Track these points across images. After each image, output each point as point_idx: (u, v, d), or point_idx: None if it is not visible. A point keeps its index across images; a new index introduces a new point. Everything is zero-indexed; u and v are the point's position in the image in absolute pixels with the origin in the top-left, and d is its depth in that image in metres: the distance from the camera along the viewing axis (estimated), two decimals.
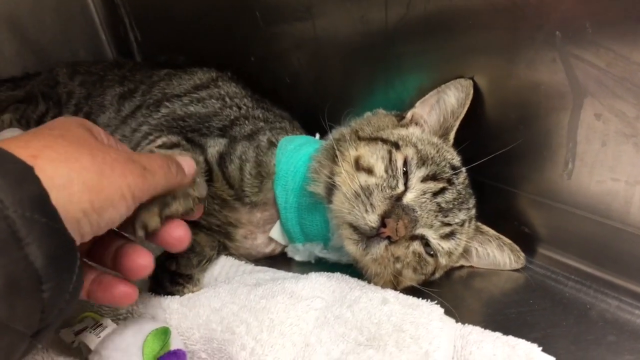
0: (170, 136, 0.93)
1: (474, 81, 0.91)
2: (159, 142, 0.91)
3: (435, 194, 0.84)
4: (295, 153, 0.99)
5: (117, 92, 1.30)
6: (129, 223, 0.65)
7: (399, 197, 0.83)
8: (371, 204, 0.80)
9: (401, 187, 0.84)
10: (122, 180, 0.58)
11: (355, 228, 0.82)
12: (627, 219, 0.83)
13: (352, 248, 0.83)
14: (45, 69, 1.50)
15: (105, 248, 0.69)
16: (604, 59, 0.74)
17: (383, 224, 0.79)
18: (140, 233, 0.66)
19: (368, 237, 0.81)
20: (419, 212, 0.82)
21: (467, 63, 0.92)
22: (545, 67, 0.80)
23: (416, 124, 0.95)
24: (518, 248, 0.94)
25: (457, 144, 0.94)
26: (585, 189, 0.86)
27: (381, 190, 0.82)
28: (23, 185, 0.47)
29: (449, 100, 0.92)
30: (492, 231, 0.94)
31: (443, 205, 0.84)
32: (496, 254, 0.94)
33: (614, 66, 0.73)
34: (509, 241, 0.93)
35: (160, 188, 0.66)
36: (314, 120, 1.15)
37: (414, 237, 0.83)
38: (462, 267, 0.97)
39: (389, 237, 0.80)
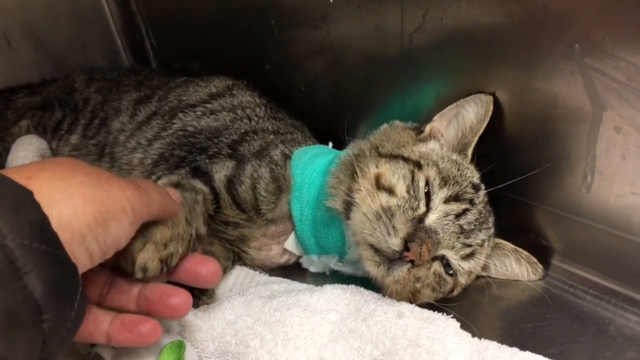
0: (172, 176, 0.93)
1: (494, 96, 0.90)
2: (160, 183, 0.90)
3: (458, 215, 0.84)
4: (309, 165, 0.98)
5: (134, 98, 1.31)
6: (127, 264, 0.67)
7: (421, 219, 0.82)
8: (394, 227, 0.80)
9: (423, 208, 0.83)
10: (120, 192, 0.58)
11: (377, 250, 0.81)
12: None
13: (374, 270, 0.83)
14: (62, 75, 1.51)
15: (125, 292, 0.70)
16: (624, 72, 0.73)
17: (406, 247, 0.78)
18: (140, 275, 0.67)
19: (390, 259, 0.81)
20: (441, 235, 0.81)
21: (484, 75, 0.91)
22: (564, 80, 0.79)
23: (434, 138, 0.94)
24: (536, 260, 0.93)
25: (473, 156, 0.93)
26: (604, 202, 0.84)
27: (403, 212, 0.81)
28: (21, 211, 0.47)
29: (468, 116, 0.91)
30: (509, 245, 0.93)
31: (465, 227, 0.84)
32: (514, 267, 0.93)
33: (635, 80, 0.72)
34: (526, 253, 0.92)
35: (157, 207, 0.66)
36: (329, 128, 1.16)
37: (434, 258, 0.83)
38: (479, 277, 0.96)
39: (412, 261, 0.79)
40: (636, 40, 0.70)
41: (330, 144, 1.12)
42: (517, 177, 0.89)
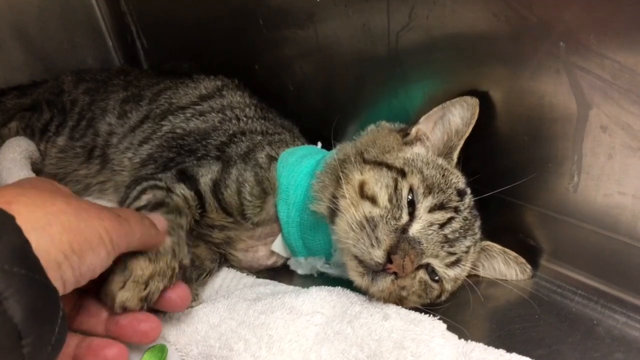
0: (156, 191, 0.92)
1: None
2: (144, 200, 0.89)
3: (442, 225, 0.83)
4: (296, 166, 0.98)
5: (121, 97, 1.30)
6: (107, 298, 0.67)
7: (405, 229, 0.81)
8: (376, 238, 0.79)
9: (405, 218, 0.82)
10: (99, 223, 0.58)
11: (360, 261, 0.81)
12: (635, 233, 0.82)
13: (358, 280, 0.82)
14: (53, 77, 1.50)
15: (94, 316, 0.70)
16: (609, 70, 0.72)
17: (389, 259, 0.78)
18: (119, 311, 0.68)
19: (374, 270, 0.80)
20: (424, 245, 0.81)
21: (471, 74, 0.90)
22: (550, 78, 0.79)
23: (419, 140, 0.93)
24: (524, 260, 0.92)
25: (459, 159, 0.92)
26: (591, 202, 0.84)
27: (386, 222, 0.80)
28: (3, 236, 0.47)
29: (454, 119, 0.89)
30: (497, 246, 0.92)
31: (450, 236, 0.83)
32: (502, 268, 0.93)
33: (620, 78, 0.72)
34: (514, 254, 0.92)
35: (137, 238, 0.66)
36: (318, 127, 1.15)
37: (419, 267, 0.82)
38: (468, 276, 0.95)
39: (395, 273, 0.79)
40: (620, 38, 0.70)
41: (319, 144, 1.11)
42: (503, 177, 0.88)
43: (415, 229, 0.81)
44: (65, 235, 0.53)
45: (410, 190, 0.84)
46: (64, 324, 0.52)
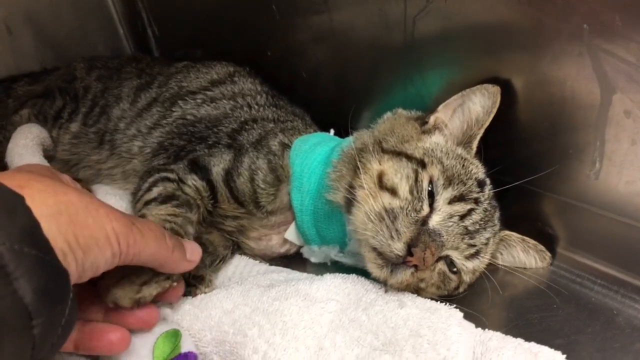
0: (167, 184, 0.91)
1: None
2: (155, 193, 0.89)
3: (463, 216, 0.81)
4: (309, 154, 0.96)
5: (135, 85, 1.30)
6: (102, 291, 0.67)
7: (425, 221, 0.80)
8: (396, 230, 0.78)
9: (426, 209, 0.80)
10: (107, 222, 0.57)
11: (379, 253, 0.79)
12: None
13: (377, 272, 0.81)
14: (64, 64, 1.50)
15: (93, 302, 0.69)
16: (634, 53, 0.70)
17: (409, 252, 0.76)
18: (111, 305, 0.68)
19: (394, 263, 0.79)
20: (445, 237, 0.79)
21: (489, 58, 0.89)
22: (572, 62, 0.77)
23: (438, 129, 0.91)
24: (543, 248, 0.91)
25: (479, 148, 0.91)
26: (613, 189, 0.82)
27: (406, 214, 0.79)
28: (13, 216, 0.46)
29: (474, 108, 0.87)
30: (515, 235, 0.91)
31: (470, 227, 0.82)
32: (521, 256, 0.92)
33: None
34: (533, 242, 0.90)
35: (149, 253, 0.64)
36: (332, 114, 1.14)
37: (438, 258, 0.81)
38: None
39: (415, 266, 0.78)
40: None
41: (332, 131, 1.10)
42: (523, 166, 0.88)
43: (435, 221, 0.80)
44: (72, 227, 0.53)
45: (430, 181, 0.82)
46: (74, 305, 0.52)
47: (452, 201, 0.81)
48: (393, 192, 0.82)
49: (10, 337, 0.44)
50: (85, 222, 0.54)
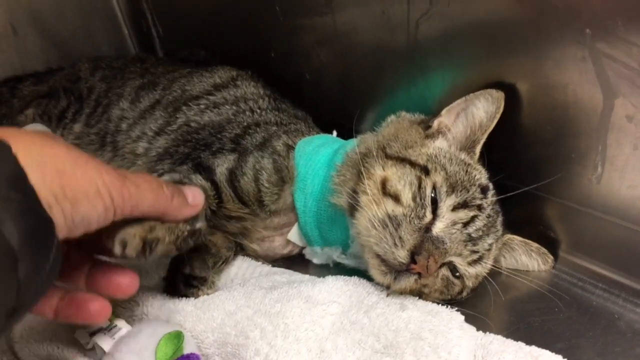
0: (173, 174, 0.92)
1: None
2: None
3: (466, 224, 0.81)
4: (313, 155, 0.97)
5: (137, 84, 1.31)
6: (109, 238, 0.63)
7: (428, 228, 0.80)
8: (400, 237, 0.78)
9: (429, 216, 0.81)
10: (98, 175, 0.56)
11: (383, 260, 0.80)
12: None
13: (380, 278, 0.82)
14: (69, 64, 1.51)
15: (76, 268, 0.67)
16: (637, 58, 0.70)
17: (413, 259, 0.77)
18: (117, 250, 0.63)
19: (397, 270, 0.79)
20: (448, 244, 0.79)
21: (492, 62, 0.89)
22: (574, 66, 0.77)
23: (441, 133, 0.91)
24: (545, 250, 0.91)
25: (482, 154, 0.91)
26: (615, 194, 0.82)
27: (409, 221, 0.79)
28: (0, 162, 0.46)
29: (478, 113, 0.87)
30: (517, 238, 0.91)
31: (473, 234, 0.82)
32: (524, 259, 0.92)
33: None
34: (536, 245, 0.91)
35: (148, 204, 0.63)
36: (335, 116, 1.15)
37: (441, 265, 0.81)
38: None
39: (419, 273, 0.78)
40: None
41: (335, 133, 1.10)
42: (525, 169, 0.88)
43: (438, 228, 0.80)
44: (58, 179, 0.52)
45: (433, 187, 0.82)
46: (58, 253, 0.51)
47: (455, 208, 0.81)
48: (396, 198, 0.82)
49: None
50: (72, 175, 0.53)
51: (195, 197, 0.72)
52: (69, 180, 0.53)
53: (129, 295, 0.69)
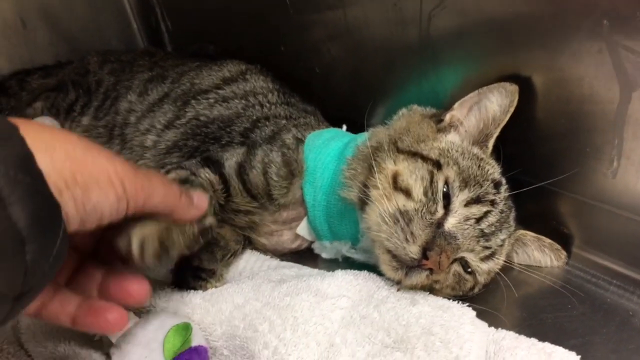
0: (180, 171, 0.91)
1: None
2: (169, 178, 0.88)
3: (479, 219, 0.80)
4: (323, 149, 0.96)
5: (146, 77, 1.30)
6: (123, 236, 0.61)
7: (440, 223, 0.79)
8: (412, 233, 0.77)
9: (441, 212, 0.79)
10: (109, 163, 0.54)
11: (394, 256, 0.79)
12: None
13: (391, 274, 0.81)
14: (77, 57, 1.51)
15: (90, 278, 0.67)
16: None
17: (424, 255, 0.76)
18: (136, 249, 0.60)
19: (409, 266, 0.78)
20: (460, 240, 0.78)
21: (506, 55, 0.87)
22: (591, 59, 0.75)
23: (453, 127, 0.90)
24: (559, 246, 0.90)
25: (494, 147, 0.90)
26: (631, 189, 0.81)
27: (421, 217, 0.78)
28: (7, 143, 0.46)
29: (491, 107, 0.85)
30: (530, 234, 0.90)
31: (486, 230, 0.81)
32: (536, 255, 0.91)
33: None
34: (549, 241, 0.90)
35: (159, 198, 0.62)
36: (345, 110, 1.14)
37: (453, 260, 0.80)
38: None
39: (430, 269, 0.77)
40: None
41: (344, 127, 1.09)
42: (539, 163, 0.87)
43: (450, 223, 0.79)
44: (68, 164, 0.51)
45: (446, 182, 0.81)
46: (65, 237, 0.50)
47: (468, 203, 0.80)
48: (407, 193, 0.81)
49: (4, 260, 0.44)
50: (84, 161, 0.52)
51: (200, 200, 0.71)
52: (80, 166, 0.52)
53: (141, 303, 0.69)
